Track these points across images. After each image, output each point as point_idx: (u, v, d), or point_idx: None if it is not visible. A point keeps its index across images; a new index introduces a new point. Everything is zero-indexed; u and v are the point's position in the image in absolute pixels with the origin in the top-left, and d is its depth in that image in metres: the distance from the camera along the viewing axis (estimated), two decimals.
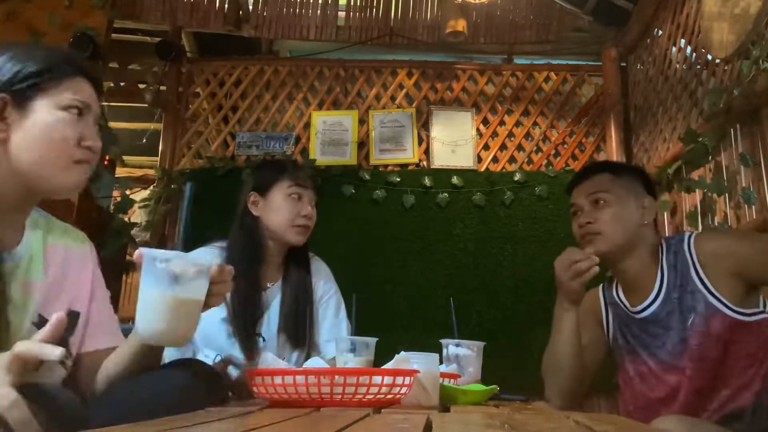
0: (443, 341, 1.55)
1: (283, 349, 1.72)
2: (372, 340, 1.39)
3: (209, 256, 1.74)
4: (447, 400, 1.19)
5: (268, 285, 1.79)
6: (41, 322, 1.02)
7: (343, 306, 1.89)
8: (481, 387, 1.30)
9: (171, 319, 0.96)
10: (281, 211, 1.78)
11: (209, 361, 1.53)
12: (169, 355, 1.42)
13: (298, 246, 1.80)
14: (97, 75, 1.15)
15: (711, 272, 1.48)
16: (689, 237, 1.55)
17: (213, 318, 1.65)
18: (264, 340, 1.71)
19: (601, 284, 1.76)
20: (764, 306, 1.47)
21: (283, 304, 1.77)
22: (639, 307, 1.58)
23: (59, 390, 0.89)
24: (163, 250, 0.99)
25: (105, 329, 1.21)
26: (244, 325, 1.67)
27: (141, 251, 0.98)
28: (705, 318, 1.46)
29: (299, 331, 1.73)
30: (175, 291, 0.97)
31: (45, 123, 1.03)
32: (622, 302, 1.65)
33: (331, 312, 1.86)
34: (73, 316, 1.10)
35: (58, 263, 1.14)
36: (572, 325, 1.57)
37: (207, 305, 1.04)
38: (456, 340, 1.53)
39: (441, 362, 1.50)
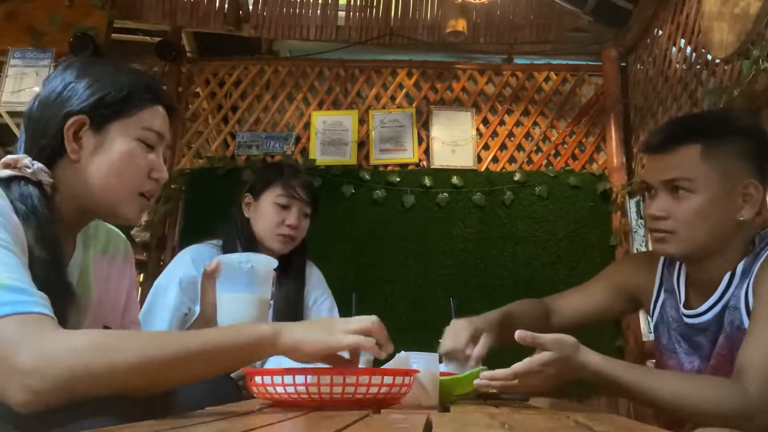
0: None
1: None
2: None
3: (206, 253, 1.75)
4: (444, 398, 1.18)
5: None
6: None
7: (336, 309, 1.90)
8: (468, 372, 1.27)
9: (257, 316, 1.09)
10: (266, 217, 1.79)
11: None
12: None
13: (281, 253, 1.80)
14: (175, 104, 1.16)
15: (756, 291, 1.14)
16: None
17: None
18: None
19: (663, 260, 1.41)
20: None
21: (274, 309, 1.77)
22: (695, 310, 1.28)
23: None
24: (230, 255, 1.13)
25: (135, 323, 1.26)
26: None
27: (217, 260, 1.09)
28: (731, 342, 1.18)
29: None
30: (256, 292, 1.10)
31: (120, 152, 1.03)
32: (679, 298, 1.34)
33: (324, 315, 1.87)
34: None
35: (103, 277, 1.14)
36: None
37: None
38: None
39: (441, 362, 1.50)
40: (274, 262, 1.11)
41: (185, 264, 1.75)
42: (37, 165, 0.97)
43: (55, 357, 0.73)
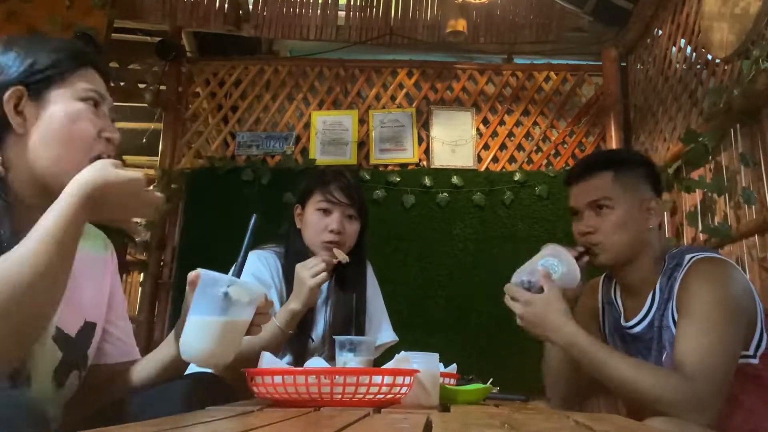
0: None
1: (332, 350, 1.72)
2: (372, 340, 1.39)
3: (270, 258, 1.74)
4: (446, 400, 1.19)
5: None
6: (59, 335, 1.01)
7: (389, 325, 1.92)
8: (479, 386, 1.30)
9: (219, 344, 0.97)
10: (311, 225, 1.75)
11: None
12: None
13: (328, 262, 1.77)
14: (106, 67, 1.13)
15: (679, 304, 1.35)
16: (690, 260, 1.38)
17: None
18: (313, 340, 1.72)
19: (602, 277, 1.66)
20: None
21: (334, 307, 1.77)
22: (630, 322, 1.48)
23: None
24: (220, 274, 0.98)
25: (124, 343, 1.19)
26: (295, 330, 1.66)
27: (199, 272, 0.98)
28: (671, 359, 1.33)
29: (344, 332, 1.73)
30: (228, 317, 0.97)
31: (64, 114, 1.00)
32: (617, 306, 1.56)
33: (386, 316, 1.91)
34: (88, 328, 1.09)
35: (82, 273, 1.09)
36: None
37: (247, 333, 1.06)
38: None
39: (440, 361, 1.50)
40: (260, 291, 1.03)
41: (252, 265, 1.72)
42: None
43: None
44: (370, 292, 1.89)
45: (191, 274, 1.02)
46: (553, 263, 1.46)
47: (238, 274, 1.09)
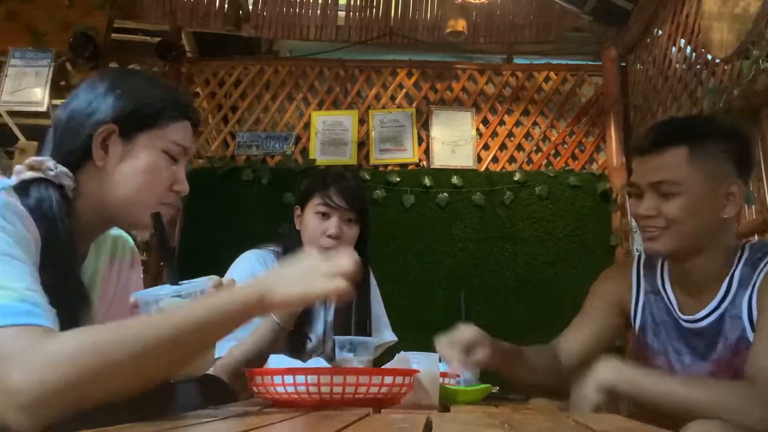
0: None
1: (332, 350, 1.73)
2: (372, 340, 1.39)
3: (268, 257, 1.75)
4: (446, 400, 1.19)
5: None
6: None
7: (387, 323, 1.94)
8: (479, 386, 1.30)
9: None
10: (309, 229, 1.75)
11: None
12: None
13: None
14: (199, 117, 1.17)
15: (760, 303, 1.19)
16: None
17: None
18: (311, 340, 1.72)
19: (637, 262, 1.47)
20: None
21: (336, 309, 1.78)
22: (694, 315, 1.31)
23: None
24: (152, 289, 0.99)
25: None
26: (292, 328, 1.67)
27: (135, 298, 1.00)
28: (732, 351, 1.22)
29: (344, 332, 1.73)
30: None
31: (146, 162, 1.04)
32: (670, 301, 1.37)
33: (385, 316, 1.92)
34: None
35: (110, 283, 1.14)
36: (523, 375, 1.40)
37: None
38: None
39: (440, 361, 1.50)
40: (199, 287, 1.00)
41: (246, 265, 1.73)
42: (61, 168, 0.98)
43: (45, 369, 0.70)
44: (372, 295, 1.90)
45: (131, 301, 1.03)
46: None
47: None
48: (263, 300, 0.88)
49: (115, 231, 1.19)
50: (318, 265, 0.93)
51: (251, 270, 1.70)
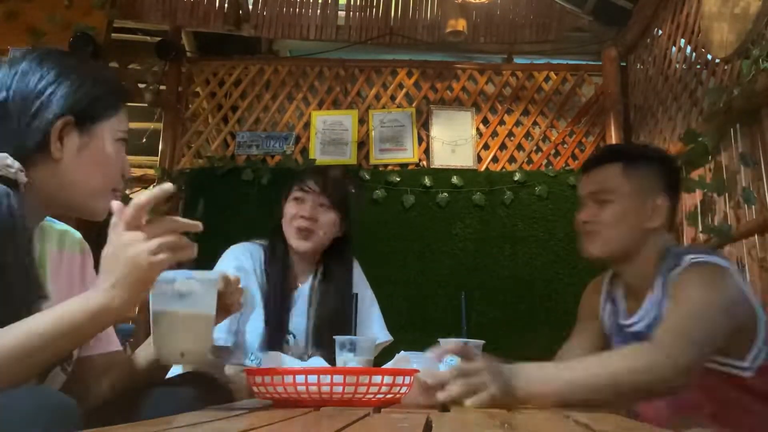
0: (441, 341, 1.54)
1: (313, 348, 1.73)
2: (372, 340, 1.40)
3: (254, 250, 1.77)
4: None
5: (299, 284, 1.81)
6: None
7: (375, 302, 1.96)
8: None
9: (183, 338, 0.97)
10: (285, 215, 1.82)
11: (255, 363, 1.56)
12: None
13: (300, 251, 1.79)
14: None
15: (669, 297, 1.34)
16: (689, 262, 1.35)
17: (257, 320, 1.68)
18: (295, 337, 1.74)
19: (608, 274, 1.62)
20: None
21: (313, 304, 1.79)
22: (630, 320, 1.47)
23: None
24: (168, 272, 0.97)
25: (101, 335, 1.17)
26: (272, 323, 1.69)
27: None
28: None
29: (327, 329, 1.74)
30: (184, 307, 0.97)
31: (107, 152, 1.05)
32: (617, 307, 1.54)
33: (375, 314, 1.93)
34: None
35: (62, 275, 1.13)
36: None
37: (226, 314, 1.09)
38: (459, 339, 1.52)
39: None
40: (212, 277, 1.03)
41: (231, 258, 1.76)
42: (17, 165, 0.96)
43: None
44: (360, 291, 1.90)
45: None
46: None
47: None
48: (111, 305, 0.88)
49: (61, 226, 1.18)
50: (134, 247, 0.90)
51: (237, 263, 1.73)
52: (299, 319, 1.77)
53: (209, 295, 1.00)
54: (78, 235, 1.21)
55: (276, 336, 1.69)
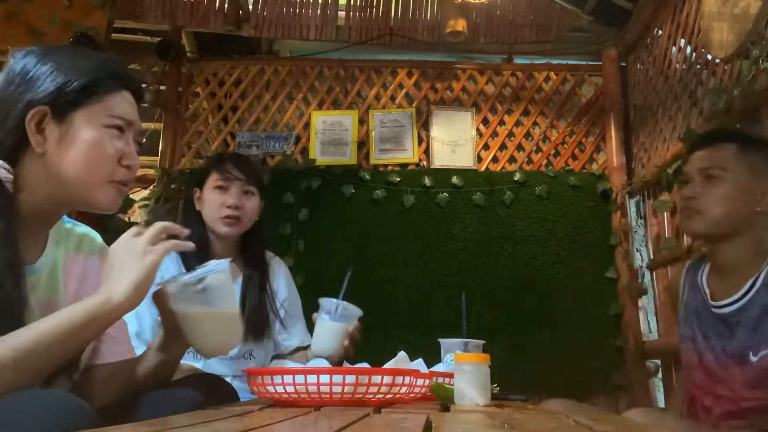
0: (441, 341, 1.55)
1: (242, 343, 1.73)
2: (356, 311, 1.49)
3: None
4: (446, 400, 1.19)
5: None
6: None
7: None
8: None
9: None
10: (209, 203, 1.81)
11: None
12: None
13: (227, 237, 1.81)
14: (141, 88, 1.11)
15: None
16: None
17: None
18: None
19: (687, 263, 1.62)
20: None
21: (244, 300, 1.79)
22: (722, 302, 1.43)
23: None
24: (184, 273, 1.04)
25: (118, 342, 1.18)
26: None
27: (165, 285, 1.03)
28: (752, 330, 1.30)
29: (253, 324, 1.75)
30: (206, 304, 1.04)
31: (86, 140, 0.98)
32: (702, 288, 1.51)
33: (297, 312, 1.93)
34: None
35: (76, 277, 1.10)
36: None
37: None
38: (459, 340, 1.52)
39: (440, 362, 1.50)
40: (223, 264, 1.06)
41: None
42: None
43: None
44: (283, 286, 1.91)
45: (157, 293, 1.07)
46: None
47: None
48: (106, 305, 0.88)
49: (82, 228, 1.17)
50: (132, 245, 0.92)
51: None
52: None
53: (226, 285, 1.06)
54: (98, 238, 1.20)
55: None
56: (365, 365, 1.15)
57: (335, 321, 1.58)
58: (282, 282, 1.92)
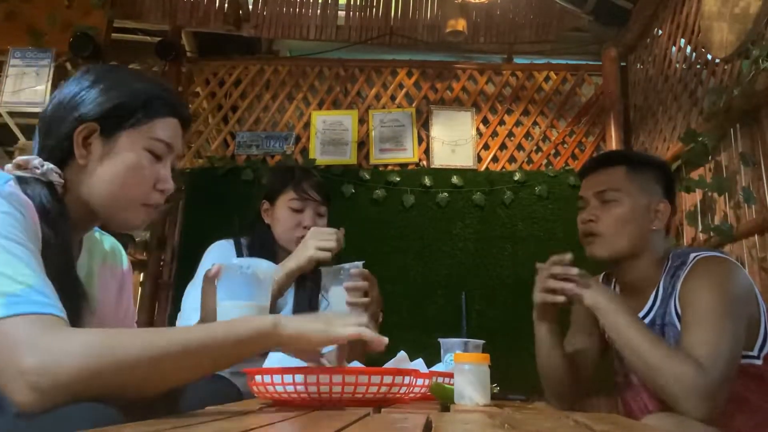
0: (441, 341, 1.54)
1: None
2: (359, 265, 1.67)
3: (229, 248, 1.78)
4: (445, 400, 1.19)
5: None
6: None
7: None
8: None
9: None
10: (283, 221, 1.80)
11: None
12: None
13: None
14: (189, 117, 1.14)
15: (683, 302, 1.35)
16: (694, 258, 1.39)
17: None
18: None
19: (600, 276, 1.66)
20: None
21: (295, 311, 1.79)
22: None
23: None
24: (237, 259, 1.09)
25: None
26: None
27: (219, 264, 1.08)
28: None
29: None
30: (255, 300, 1.08)
31: (126, 162, 1.02)
32: None
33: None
34: None
35: (105, 285, 1.14)
36: (546, 337, 1.56)
37: None
38: (458, 339, 1.52)
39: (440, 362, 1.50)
40: (274, 268, 1.11)
41: (219, 251, 1.77)
42: (48, 166, 0.97)
43: (61, 356, 0.72)
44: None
45: (210, 270, 1.11)
46: None
47: None
48: (277, 328, 0.89)
49: (110, 241, 1.20)
50: (335, 316, 0.98)
51: (223, 257, 1.71)
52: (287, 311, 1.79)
53: (269, 288, 1.11)
54: (119, 246, 1.23)
55: None
56: (358, 364, 1.15)
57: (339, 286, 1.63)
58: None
